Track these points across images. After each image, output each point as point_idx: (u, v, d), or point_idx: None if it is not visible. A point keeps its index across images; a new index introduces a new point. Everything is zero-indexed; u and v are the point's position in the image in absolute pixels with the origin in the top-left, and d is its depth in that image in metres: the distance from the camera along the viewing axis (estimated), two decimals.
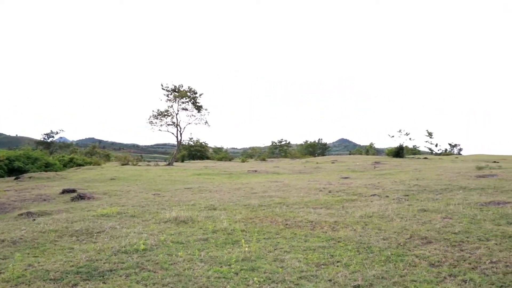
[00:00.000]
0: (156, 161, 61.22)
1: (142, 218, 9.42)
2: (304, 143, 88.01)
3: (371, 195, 12.08)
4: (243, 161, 56.91)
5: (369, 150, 75.31)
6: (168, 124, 46.07)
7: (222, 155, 70.56)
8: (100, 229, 8.13)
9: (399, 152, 46.49)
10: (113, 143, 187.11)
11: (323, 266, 5.43)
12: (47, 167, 32.00)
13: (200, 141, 70.38)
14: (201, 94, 46.46)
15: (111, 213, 9.93)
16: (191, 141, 69.74)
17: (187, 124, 47.03)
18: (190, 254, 6.09)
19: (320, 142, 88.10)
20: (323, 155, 78.28)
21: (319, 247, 6.34)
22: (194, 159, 62.95)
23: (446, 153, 69.22)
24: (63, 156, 42.39)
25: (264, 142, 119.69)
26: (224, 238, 7.14)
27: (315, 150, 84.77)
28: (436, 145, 70.16)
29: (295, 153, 77.11)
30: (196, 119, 46.69)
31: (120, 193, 14.95)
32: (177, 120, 46.08)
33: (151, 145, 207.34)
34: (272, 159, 60.66)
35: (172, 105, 46.07)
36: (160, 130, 46.50)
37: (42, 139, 67.43)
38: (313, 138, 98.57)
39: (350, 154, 74.58)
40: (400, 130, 51.60)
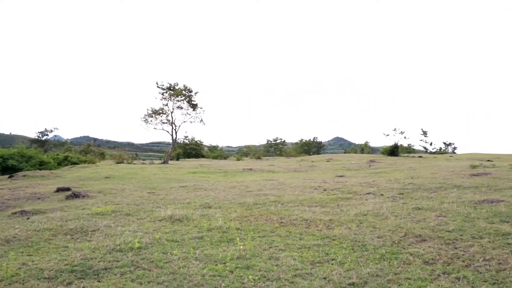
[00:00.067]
0: (151, 159, 61.08)
1: (137, 216, 9.40)
2: (299, 141, 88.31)
3: (366, 194, 12.13)
4: (238, 159, 56.98)
5: (364, 149, 75.71)
6: (163, 123, 46.02)
7: (217, 153, 70.63)
8: (94, 227, 8.10)
9: (394, 150, 46.71)
10: (108, 141, 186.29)
11: (318, 264, 5.45)
12: (42, 165, 31.86)
13: (195, 139, 70.38)
14: (196, 93, 46.48)
15: (106, 211, 9.90)
16: (186, 139, 69.72)
17: (182, 122, 47.10)
18: (185, 252, 6.09)
19: (315, 140, 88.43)
20: (318, 153, 78.46)
21: (314, 245, 6.36)
22: (189, 158, 62.86)
23: (440, 151, 69.72)
24: (58, 155, 42.25)
25: (259, 140, 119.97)
26: (219, 236, 7.15)
27: (310, 148, 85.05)
28: (430, 143, 70.73)
29: (290, 151, 77.34)
30: (191, 117, 46.73)
31: (115, 191, 14.90)
32: (172, 118, 46.06)
33: (146, 143, 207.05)
34: (267, 158, 60.79)
35: (167, 103, 46.04)
36: (155, 128, 46.48)
37: (37, 137, 67.15)
38: (308, 136, 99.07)
39: (345, 153, 74.77)
40: (395, 129, 52.14)
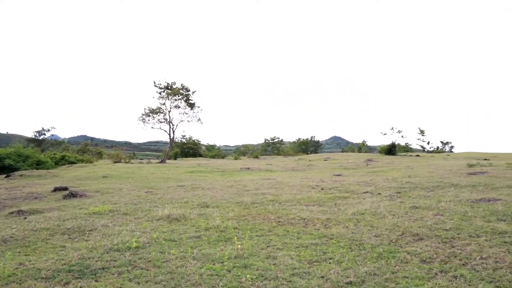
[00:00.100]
0: (149, 158, 60.91)
1: (134, 216, 9.38)
2: (296, 140, 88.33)
3: (364, 193, 12.15)
4: (236, 158, 56.88)
5: (361, 148, 75.81)
6: (161, 122, 45.92)
7: (215, 152, 70.45)
8: (92, 227, 8.09)
9: (391, 149, 46.72)
10: (105, 141, 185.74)
11: (315, 263, 5.45)
12: (39, 164, 31.71)
13: (193, 138, 70.22)
14: (193, 92, 46.36)
15: (103, 211, 9.88)
16: (184, 138, 69.52)
17: (180, 121, 46.98)
18: (182, 252, 6.08)
19: (312, 139, 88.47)
20: (316, 152, 78.54)
21: (311, 244, 6.37)
22: (186, 157, 62.71)
23: (438, 150, 69.78)
24: (55, 154, 42.04)
25: (257, 139, 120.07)
26: (216, 235, 7.14)
27: (307, 147, 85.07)
28: (428, 142, 70.72)
29: (287, 150, 77.31)
30: (189, 116, 46.63)
31: (113, 190, 14.87)
32: (169, 117, 45.97)
33: (144, 142, 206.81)
34: (265, 157, 60.79)
35: (164, 102, 45.95)
36: (152, 127, 46.38)
37: (34, 137, 66.77)
38: (305, 135, 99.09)
39: (342, 152, 74.83)
40: (392, 128, 52.01)
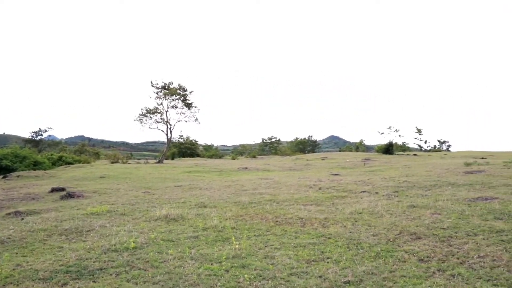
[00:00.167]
0: (146, 159, 60.75)
1: (132, 216, 9.36)
2: (294, 140, 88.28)
3: (361, 192, 12.16)
4: (234, 158, 56.93)
5: (359, 147, 75.86)
6: (158, 122, 45.86)
7: (212, 152, 70.46)
8: (89, 227, 8.07)
9: (388, 148, 46.82)
10: (102, 141, 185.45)
11: (313, 263, 5.46)
12: (36, 165, 31.66)
13: (190, 138, 70.17)
14: (191, 92, 46.33)
15: (101, 211, 9.86)
16: (181, 138, 69.47)
17: (177, 121, 46.99)
18: (180, 252, 6.07)
19: (310, 139, 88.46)
20: (313, 152, 78.52)
21: (309, 244, 6.37)
22: (184, 157, 62.64)
23: (435, 149, 69.88)
24: (52, 154, 41.98)
25: (254, 139, 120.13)
26: (214, 235, 7.14)
27: (305, 147, 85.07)
28: (425, 141, 70.91)
29: (285, 150, 77.30)
30: (186, 116, 46.61)
31: (110, 191, 14.84)
32: (167, 117, 45.91)
33: (141, 142, 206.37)
34: (263, 156, 60.85)
35: (162, 102, 45.88)
36: (150, 128, 46.33)
37: (31, 137, 66.59)
38: (303, 135, 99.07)
39: (340, 151, 74.83)
40: (389, 127, 52.32)
